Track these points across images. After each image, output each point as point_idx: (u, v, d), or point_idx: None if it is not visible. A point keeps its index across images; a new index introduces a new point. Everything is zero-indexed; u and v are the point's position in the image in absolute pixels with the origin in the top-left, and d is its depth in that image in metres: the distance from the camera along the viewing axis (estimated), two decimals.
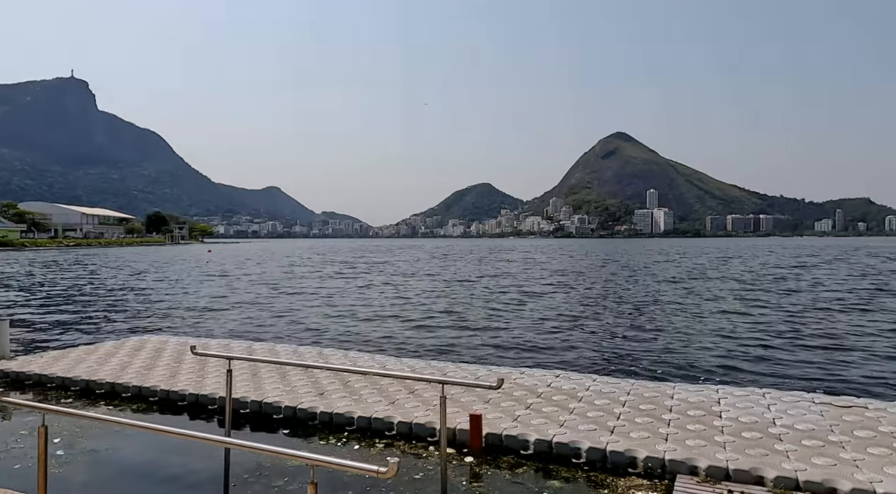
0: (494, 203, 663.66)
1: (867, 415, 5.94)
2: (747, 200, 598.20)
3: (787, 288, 26.09)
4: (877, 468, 4.57)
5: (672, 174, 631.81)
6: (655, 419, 5.86)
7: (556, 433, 5.48)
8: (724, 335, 13.93)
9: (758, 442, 5.18)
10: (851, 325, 15.37)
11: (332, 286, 28.99)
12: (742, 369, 10.41)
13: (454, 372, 8.00)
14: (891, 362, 10.94)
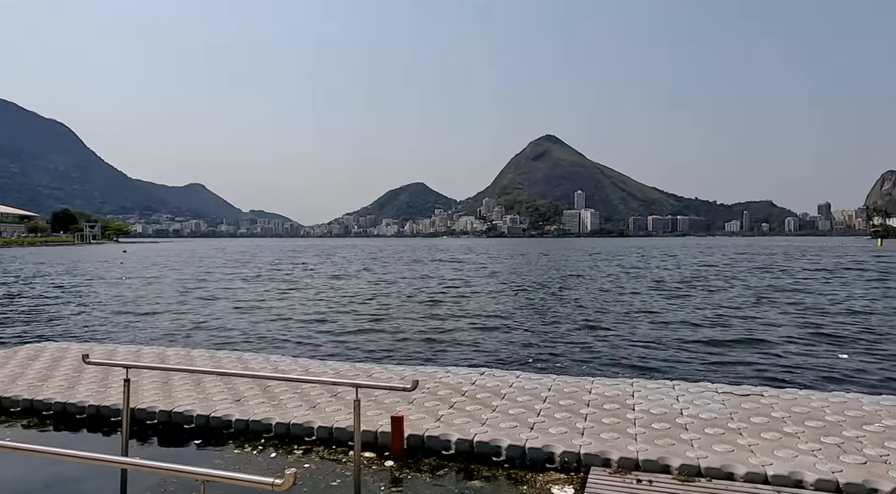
0: (429, 202, 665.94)
1: (762, 402, 6.39)
2: (666, 202, 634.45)
3: (707, 286, 27.83)
4: (768, 452, 4.92)
5: (598, 176, 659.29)
6: (573, 414, 6.03)
7: (478, 432, 5.51)
8: (646, 329, 14.64)
9: (666, 432, 5.44)
10: (762, 319, 16.59)
11: (256, 288, 27.97)
12: (658, 362, 10.97)
13: (379, 374, 7.89)
14: (786, 351, 11.89)
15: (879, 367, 10.54)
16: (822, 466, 4.59)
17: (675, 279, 31.80)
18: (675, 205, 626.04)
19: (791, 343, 12.86)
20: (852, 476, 4.39)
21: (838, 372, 10.21)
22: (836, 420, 5.75)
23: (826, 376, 9.88)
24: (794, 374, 10.04)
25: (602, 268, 42.78)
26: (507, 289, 26.30)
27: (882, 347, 12.34)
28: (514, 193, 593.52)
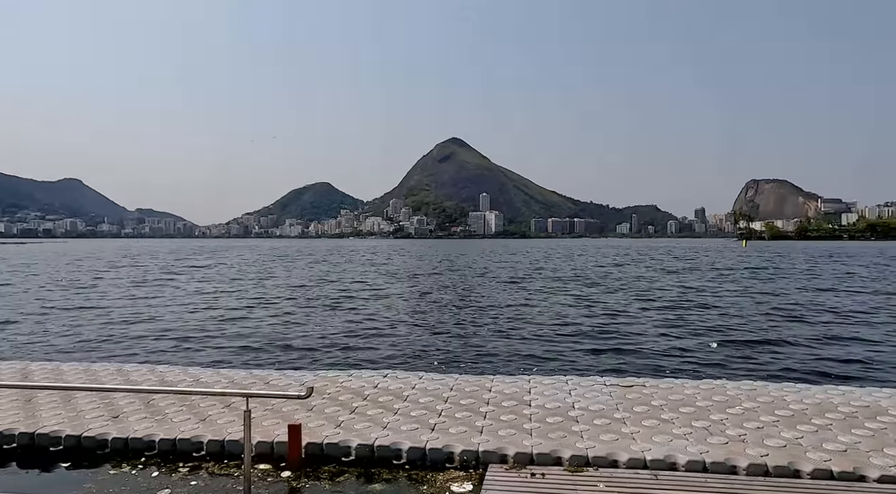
0: (334, 202, 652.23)
1: (644, 392, 6.92)
2: (564, 205, 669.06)
3: (605, 285, 29.64)
4: (648, 438, 5.33)
5: (502, 179, 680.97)
6: (473, 412, 6.16)
7: (379, 436, 5.47)
8: (546, 327, 15.31)
9: (559, 426, 5.72)
10: (646, 315, 17.95)
11: (139, 294, 25.86)
12: (558, 358, 11.53)
13: (277, 381, 7.59)
14: (669, 342, 12.98)
15: (740, 356, 11.81)
16: (693, 448, 5.06)
17: (571, 278, 33.61)
18: (572, 208, 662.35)
19: (669, 335, 14.05)
20: (716, 456, 4.88)
21: (709, 360, 11.32)
22: (705, 405, 6.36)
23: (699, 364, 10.92)
24: (673, 364, 10.99)
25: (508, 269, 44.25)
26: (412, 291, 26.40)
27: (743, 336, 13.84)
28: (422, 194, 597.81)
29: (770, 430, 5.50)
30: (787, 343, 13.14)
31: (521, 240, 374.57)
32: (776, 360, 11.38)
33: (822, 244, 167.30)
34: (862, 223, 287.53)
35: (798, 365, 10.90)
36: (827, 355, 11.86)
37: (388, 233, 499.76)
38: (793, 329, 15.11)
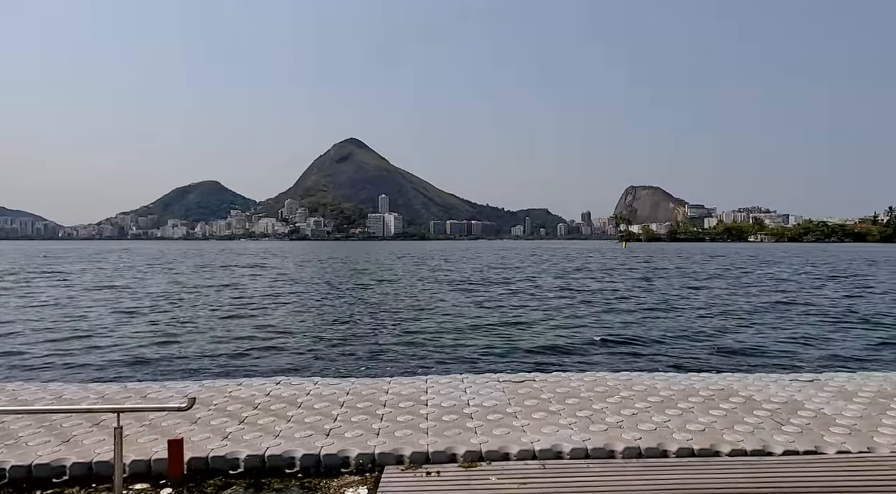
0: (224, 202, 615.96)
1: (534, 387, 7.28)
2: (462, 208, 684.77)
3: (502, 285, 30.62)
4: (537, 430, 5.62)
5: (401, 181, 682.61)
6: (370, 415, 6.12)
7: (271, 445, 5.25)
8: (446, 327, 15.55)
9: (454, 423, 5.85)
10: (538, 313, 18.84)
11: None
12: (456, 357, 11.75)
13: (157, 393, 7.02)
14: (557, 336, 13.75)
15: (625, 351, 12.81)
16: (576, 436, 5.40)
17: (473, 279, 34.47)
18: (470, 210, 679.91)
19: (559, 330, 14.89)
20: (597, 442, 5.25)
21: (595, 353, 12.15)
22: (588, 396, 6.81)
23: (586, 357, 11.68)
24: (562, 358, 11.65)
25: (409, 271, 44.36)
26: (308, 295, 25.64)
27: (625, 331, 15.03)
28: (319, 195, 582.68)
29: (643, 416, 6.01)
30: (661, 335, 14.44)
31: (421, 241, 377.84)
32: (651, 352, 12.47)
33: (688, 245, 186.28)
34: (720, 226, 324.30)
35: (668, 356, 12.03)
36: (693, 345, 13.19)
37: (284, 234, 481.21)
38: (666, 322, 16.64)
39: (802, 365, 10.85)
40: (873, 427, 5.61)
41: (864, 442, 5.23)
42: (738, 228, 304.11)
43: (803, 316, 17.75)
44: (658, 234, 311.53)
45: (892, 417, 5.91)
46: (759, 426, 5.68)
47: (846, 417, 5.93)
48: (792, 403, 6.45)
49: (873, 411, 6.11)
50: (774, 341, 13.60)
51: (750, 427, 5.65)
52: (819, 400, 6.57)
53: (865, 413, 6.03)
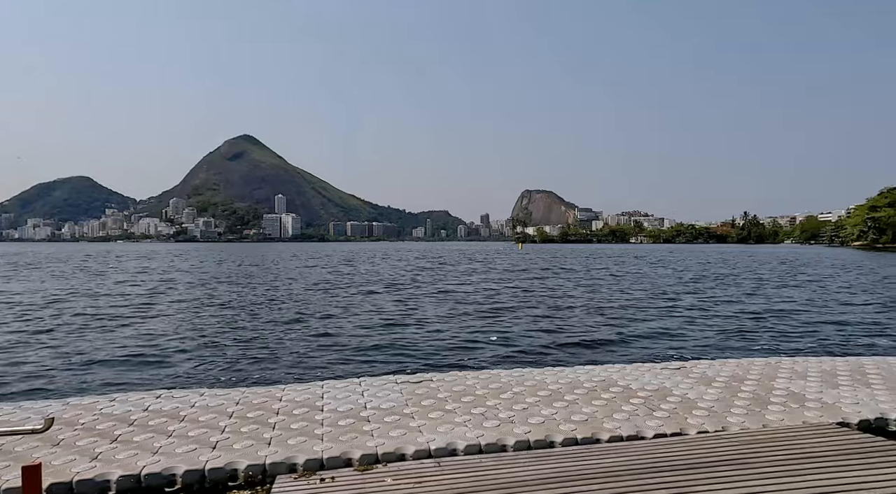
0: (97, 201, 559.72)
1: (431, 386, 7.38)
2: (363, 209, 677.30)
3: (402, 287, 30.55)
4: (433, 429, 5.71)
5: (299, 181, 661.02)
6: (262, 425, 5.87)
7: (149, 463, 4.87)
8: (341, 331, 15.26)
9: (351, 427, 5.78)
10: (437, 314, 19.07)
11: None
12: (352, 360, 11.58)
13: (10, 415, 6.23)
14: (454, 337, 14.03)
15: (515, 346, 13.36)
16: (471, 433, 5.56)
17: (374, 281, 34.17)
18: (371, 211, 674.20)
19: (459, 330, 15.22)
20: (490, 438, 5.44)
21: (491, 351, 12.56)
22: (483, 393, 7.03)
23: (485, 356, 12.04)
24: (461, 357, 11.92)
25: (308, 273, 42.99)
26: (195, 300, 24.02)
27: (519, 329, 15.68)
28: (208, 194, 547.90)
29: (533, 410, 6.32)
30: (552, 331, 15.25)
31: (320, 243, 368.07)
32: (542, 348, 13.13)
33: (579, 246, 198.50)
34: (606, 229, 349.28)
35: (558, 349, 12.74)
36: (578, 339, 14.07)
37: (169, 235, 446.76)
38: (556, 319, 17.59)
39: (672, 353, 11.99)
40: (727, 408, 6.33)
41: (720, 422, 5.89)
42: (622, 230, 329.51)
43: (670, 310, 19.60)
44: (551, 236, 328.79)
45: (742, 398, 6.70)
46: (634, 413, 6.19)
47: (706, 400, 6.64)
48: (662, 390, 7.10)
49: (727, 394, 6.90)
50: (649, 333, 14.89)
51: (626, 414, 6.15)
52: (685, 386, 7.30)
53: (721, 396, 6.79)
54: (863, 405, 6.33)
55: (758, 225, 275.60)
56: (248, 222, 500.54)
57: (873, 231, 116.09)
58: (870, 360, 8.73)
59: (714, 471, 4.64)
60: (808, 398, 6.66)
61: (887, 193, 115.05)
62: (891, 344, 13.37)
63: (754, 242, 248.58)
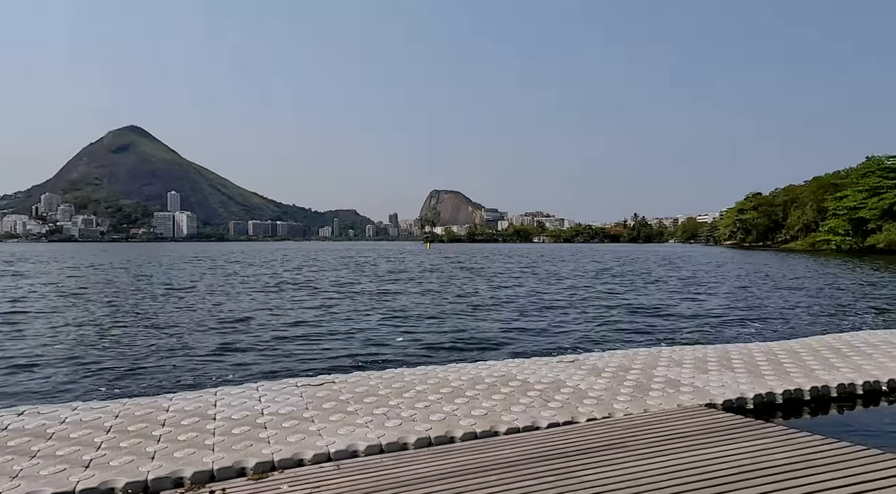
0: None
1: (333, 388, 7.25)
2: (266, 207, 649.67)
3: (300, 288, 29.56)
4: (334, 432, 5.60)
5: (196, 177, 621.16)
6: (145, 438, 5.45)
7: (5, 489, 4.34)
8: (239, 335, 14.50)
9: (246, 435, 5.53)
10: (338, 316, 18.70)
11: None
12: (248, 366, 11.05)
13: None
14: (359, 338, 13.85)
15: (421, 345, 13.45)
16: (372, 434, 5.52)
17: (275, 283, 32.84)
18: (275, 210, 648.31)
19: (366, 331, 15.05)
20: (391, 437, 5.44)
21: (394, 351, 12.53)
22: (386, 393, 7.01)
23: (390, 356, 11.98)
24: (367, 358, 11.78)
25: (202, 276, 40.42)
26: (71, 305, 21.78)
27: (425, 328, 15.80)
28: (89, 190, 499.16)
29: (435, 407, 6.40)
30: (458, 329, 15.50)
31: (220, 242, 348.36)
32: (448, 346, 13.32)
33: (485, 245, 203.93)
34: (511, 229, 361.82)
35: (461, 345, 12.99)
36: (483, 336, 14.44)
37: (40, 234, 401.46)
38: (464, 318, 17.93)
39: (567, 347, 12.66)
40: (613, 396, 6.79)
41: (607, 409, 6.30)
42: (525, 230, 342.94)
43: (571, 306, 20.72)
44: (459, 236, 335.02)
45: (627, 387, 7.22)
46: (530, 405, 6.47)
47: (595, 390, 7.08)
48: (557, 382, 7.47)
49: (614, 383, 7.40)
50: (543, 329, 15.62)
51: (523, 406, 6.40)
52: (577, 377, 7.73)
53: (609, 385, 7.28)
54: (726, 387, 7.06)
55: (646, 225, 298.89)
56: (136, 220, 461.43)
57: (741, 231, 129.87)
58: (734, 347, 9.76)
59: (600, 455, 4.96)
60: (682, 383, 7.32)
61: (752, 198, 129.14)
62: (751, 332, 15.03)
63: (643, 241, 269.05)
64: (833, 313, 18.39)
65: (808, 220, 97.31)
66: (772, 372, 7.73)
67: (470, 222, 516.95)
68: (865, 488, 4.04)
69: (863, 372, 7.71)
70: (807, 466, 4.45)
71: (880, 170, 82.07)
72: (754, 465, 4.53)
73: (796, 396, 6.95)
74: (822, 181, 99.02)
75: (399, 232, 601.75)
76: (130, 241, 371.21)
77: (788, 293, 24.93)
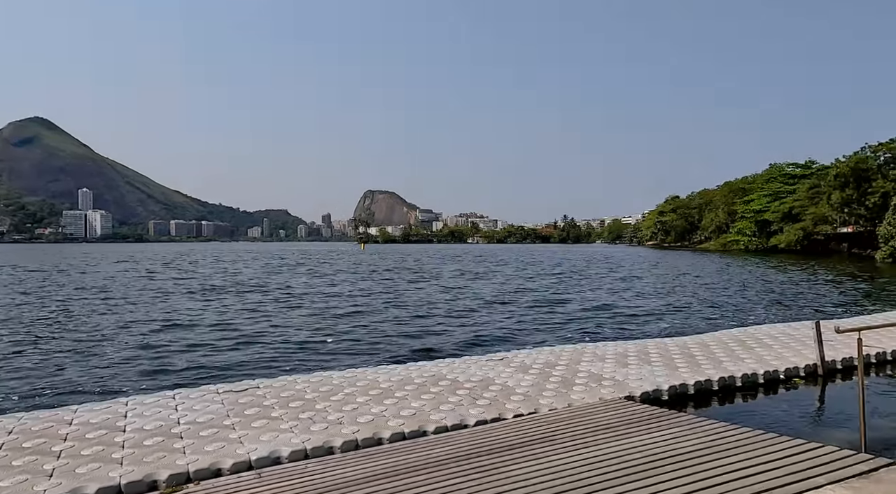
0: None
1: (257, 394, 6.98)
2: (190, 207, 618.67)
3: (225, 290, 28.27)
4: (256, 439, 5.39)
5: (111, 174, 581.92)
6: (42, 455, 5.01)
7: None
8: (152, 341, 13.68)
9: (159, 446, 5.21)
10: (276, 319, 18.06)
11: None
12: (166, 372, 10.44)
13: None
14: (294, 341, 13.43)
15: (353, 348, 13.23)
16: (297, 439, 5.36)
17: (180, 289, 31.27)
18: (200, 210, 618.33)
19: (289, 333, 14.61)
20: (316, 442, 5.30)
21: (328, 353, 12.25)
22: (313, 397, 6.83)
23: (316, 359, 11.69)
24: (291, 362, 11.43)
25: (117, 277, 37.81)
26: None
27: (357, 330, 15.55)
28: None
29: (363, 409, 6.31)
30: (395, 330, 15.38)
31: (138, 243, 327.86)
32: (380, 349, 13.18)
33: (421, 246, 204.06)
34: (446, 230, 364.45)
35: (397, 346, 12.90)
36: (418, 336, 14.41)
37: None
38: (398, 318, 17.82)
39: (496, 345, 12.88)
40: (539, 392, 6.96)
41: (533, 405, 6.45)
42: (460, 231, 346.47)
43: (507, 304, 21.12)
44: (393, 236, 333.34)
45: (552, 382, 7.43)
46: (459, 403, 6.51)
47: (523, 386, 7.23)
48: (486, 380, 7.57)
49: (541, 379, 7.60)
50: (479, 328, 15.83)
51: (452, 405, 6.44)
52: (506, 374, 7.87)
53: (536, 382, 7.46)
54: (644, 380, 7.42)
55: (575, 226, 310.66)
56: (41, 220, 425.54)
57: (661, 232, 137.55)
58: (653, 342, 10.29)
59: (526, 450, 5.06)
60: (604, 377, 7.62)
61: (671, 201, 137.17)
62: (669, 327, 15.92)
63: (573, 242, 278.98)
64: (740, 308, 19.81)
65: (720, 222, 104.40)
66: (685, 365, 8.20)
67: (405, 223, 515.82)
68: (763, 469, 4.35)
69: (764, 362, 8.34)
70: (712, 451, 4.75)
71: (781, 177, 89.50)
72: (666, 453, 4.78)
73: (706, 387, 7.41)
74: (733, 185, 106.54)
75: (333, 232, 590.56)
76: (35, 242, 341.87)
77: (702, 290, 26.63)
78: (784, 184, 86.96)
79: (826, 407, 7.21)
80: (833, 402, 7.30)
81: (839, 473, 4.19)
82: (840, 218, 66.24)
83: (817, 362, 8.20)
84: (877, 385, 7.97)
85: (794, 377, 7.99)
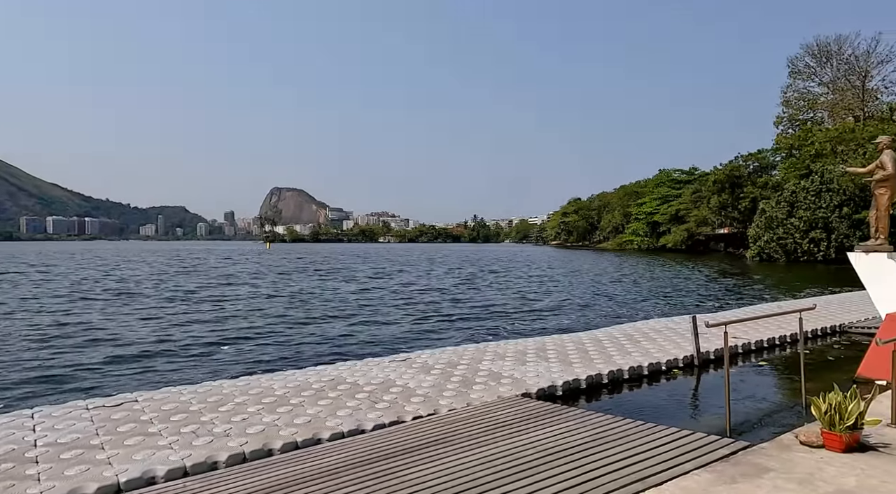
0: None
1: (135, 408, 6.37)
2: (71, 202, 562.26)
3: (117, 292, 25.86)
4: (127, 458, 4.89)
5: None
6: None
7: None
8: (11, 348, 12.17)
9: (7, 474, 4.58)
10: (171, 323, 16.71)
11: None
12: (26, 386, 9.31)
13: None
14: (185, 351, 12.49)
15: (248, 356, 12.56)
16: (175, 456, 4.94)
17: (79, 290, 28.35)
18: (82, 205, 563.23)
19: (179, 341, 13.63)
20: (198, 457, 4.91)
21: (218, 361, 11.52)
22: (198, 408, 6.36)
23: (209, 367, 10.96)
24: (181, 373, 10.64)
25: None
26: None
27: (253, 336, 14.80)
28: None
29: (254, 419, 5.96)
30: (301, 334, 14.78)
31: (7, 242, 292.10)
32: (283, 355, 12.62)
33: (331, 245, 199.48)
34: (357, 229, 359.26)
35: (291, 354, 12.41)
36: (320, 340, 13.97)
37: None
38: (305, 323, 17.18)
39: (400, 346, 12.80)
40: (440, 393, 6.96)
41: (433, 406, 6.43)
42: (371, 230, 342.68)
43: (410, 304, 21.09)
44: (302, 235, 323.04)
45: (453, 382, 7.46)
46: (357, 408, 6.34)
47: (424, 387, 7.19)
48: (387, 382, 7.45)
49: (442, 379, 7.60)
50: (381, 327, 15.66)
51: (350, 410, 6.25)
52: (407, 376, 7.79)
53: (437, 382, 7.45)
54: (540, 377, 7.66)
55: (485, 226, 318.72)
56: None
57: (564, 233, 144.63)
58: (550, 339, 10.68)
59: (423, 452, 5.00)
60: (503, 375, 7.77)
61: (573, 203, 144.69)
62: (567, 323, 16.68)
63: (482, 241, 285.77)
64: (631, 305, 21.20)
65: (617, 223, 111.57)
66: (579, 360, 8.58)
67: (314, 221, 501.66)
68: (641, 458, 4.61)
69: (648, 355, 8.92)
70: (597, 443, 4.97)
71: (669, 181, 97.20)
72: (557, 447, 4.93)
73: (597, 380, 7.79)
74: (628, 189, 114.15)
75: (236, 231, 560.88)
76: None
77: (598, 287, 28.23)
78: (671, 188, 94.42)
79: (700, 395, 7.84)
80: (706, 390, 7.95)
81: (704, 458, 4.52)
82: (718, 220, 73.13)
83: (694, 353, 8.90)
84: (742, 373, 8.80)
85: (673, 368, 8.62)
